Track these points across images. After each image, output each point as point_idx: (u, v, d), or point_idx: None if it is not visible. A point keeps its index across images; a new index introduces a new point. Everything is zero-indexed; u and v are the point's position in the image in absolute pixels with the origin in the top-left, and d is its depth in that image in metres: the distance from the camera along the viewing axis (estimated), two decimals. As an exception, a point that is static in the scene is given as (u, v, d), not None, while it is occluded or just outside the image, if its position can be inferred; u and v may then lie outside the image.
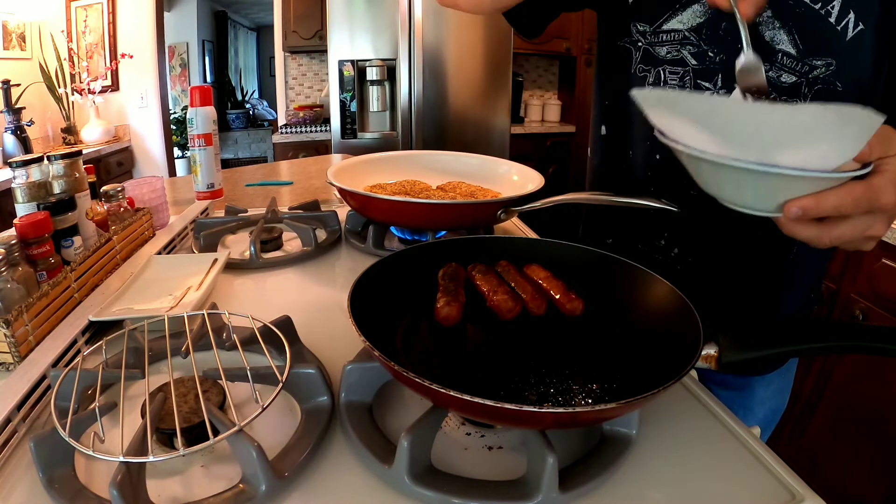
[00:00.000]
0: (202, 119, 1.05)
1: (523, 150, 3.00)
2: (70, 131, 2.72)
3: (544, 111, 3.55)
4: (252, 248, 0.76)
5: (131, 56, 2.89)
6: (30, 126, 2.30)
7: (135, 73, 2.99)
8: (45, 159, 0.69)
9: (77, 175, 0.71)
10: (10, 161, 0.67)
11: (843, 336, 0.43)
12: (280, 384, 0.40)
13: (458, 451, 0.41)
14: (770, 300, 0.64)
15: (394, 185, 0.91)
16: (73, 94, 2.72)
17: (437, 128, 2.58)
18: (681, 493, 0.37)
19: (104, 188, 0.78)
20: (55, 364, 0.48)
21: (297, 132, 3.04)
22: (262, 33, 6.66)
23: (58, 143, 2.73)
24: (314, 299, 0.69)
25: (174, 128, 3.76)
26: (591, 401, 0.40)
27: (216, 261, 0.69)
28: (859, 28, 0.50)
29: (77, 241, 0.66)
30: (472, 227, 0.78)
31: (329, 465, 0.39)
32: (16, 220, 0.57)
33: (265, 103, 6.19)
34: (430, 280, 0.53)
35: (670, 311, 0.47)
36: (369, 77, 2.47)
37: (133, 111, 3.05)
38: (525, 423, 0.36)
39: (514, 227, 0.94)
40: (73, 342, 0.52)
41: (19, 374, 0.46)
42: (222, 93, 5.65)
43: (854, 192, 0.36)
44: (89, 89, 2.76)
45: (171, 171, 3.23)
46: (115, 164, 2.83)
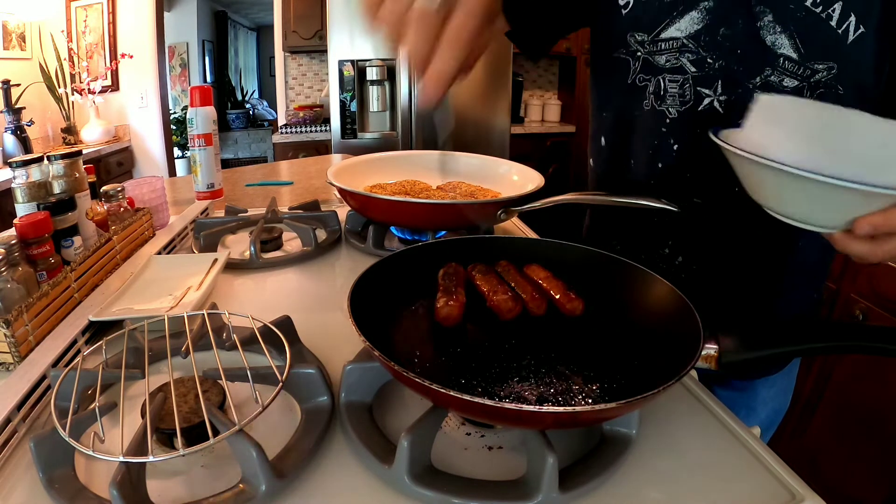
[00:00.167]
0: (202, 119, 1.05)
1: (523, 150, 3.00)
2: (70, 131, 2.72)
3: (544, 111, 3.55)
4: (252, 248, 0.76)
5: (131, 56, 2.89)
6: (30, 126, 2.30)
7: (135, 73, 2.99)
8: (45, 159, 0.69)
9: (77, 175, 0.71)
10: (10, 161, 0.67)
11: (844, 336, 0.43)
12: (280, 384, 0.40)
13: (458, 451, 0.41)
14: (775, 303, 0.64)
15: (394, 185, 0.91)
16: (73, 94, 2.73)
17: (437, 128, 2.58)
18: (681, 493, 0.37)
19: (104, 188, 0.78)
20: (55, 364, 0.48)
21: (297, 132, 3.04)
22: (262, 33, 6.66)
23: (58, 143, 2.73)
24: (314, 299, 0.69)
25: (174, 128, 3.76)
26: (591, 401, 0.40)
27: (216, 261, 0.69)
28: (860, 31, 0.50)
29: (77, 241, 0.66)
30: (472, 227, 0.78)
31: (329, 465, 0.39)
32: (16, 220, 0.57)
33: (265, 103, 6.19)
34: (430, 280, 0.53)
35: (670, 311, 0.47)
36: (369, 77, 2.47)
37: (133, 111, 3.06)
38: (525, 423, 0.36)
39: (514, 227, 0.94)
40: (73, 342, 0.52)
41: (19, 374, 0.46)
42: (222, 93, 5.65)
43: None
44: (89, 89, 2.76)
45: (171, 171, 3.23)
46: (115, 164, 2.83)
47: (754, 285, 0.63)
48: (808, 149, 0.37)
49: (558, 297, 0.51)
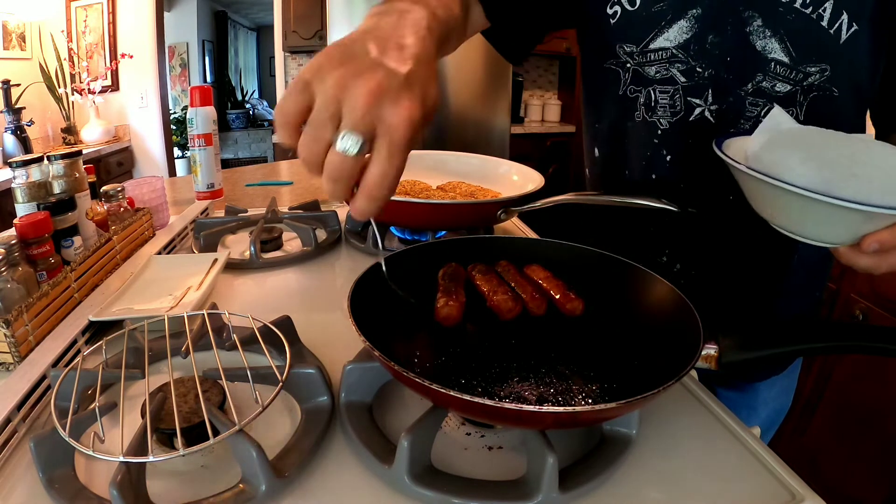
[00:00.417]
0: (202, 119, 1.05)
1: (523, 150, 3.00)
2: (70, 131, 2.72)
3: (544, 111, 3.55)
4: (252, 248, 0.76)
5: (131, 56, 2.89)
6: (30, 126, 2.30)
7: (135, 73, 2.99)
8: (45, 159, 0.69)
9: (77, 175, 0.71)
10: (10, 161, 0.67)
11: (844, 336, 0.43)
12: (280, 384, 0.40)
13: (458, 451, 0.41)
14: (775, 303, 0.64)
15: (394, 185, 0.90)
16: (73, 94, 2.72)
17: (437, 128, 2.58)
18: (680, 493, 0.37)
19: (104, 188, 0.78)
20: (55, 364, 0.48)
21: (297, 132, 3.03)
22: (262, 33, 6.66)
23: (58, 143, 2.73)
24: (314, 299, 0.69)
25: (174, 128, 3.76)
26: (591, 401, 0.40)
27: (216, 261, 0.69)
28: (853, 29, 0.49)
29: (77, 241, 0.66)
30: (472, 227, 0.78)
31: (329, 465, 0.39)
32: (16, 220, 0.57)
33: (265, 103, 6.19)
34: (431, 280, 0.53)
35: (670, 311, 0.47)
36: (369, 77, 2.47)
37: (133, 111, 3.05)
38: (525, 423, 0.36)
39: (514, 227, 0.94)
40: (73, 342, 0.52)
41: (19, 374, 0.46)
42: (222, 93, 5.65)
43: None
44: (89, 89, 2.76)
45: (171, 171, 3.23)
46: (115, 164, 2.83)
47: (755, 288, 0.63)
48: (818, 171, 0.38)
49: (558, 297, 0.51)
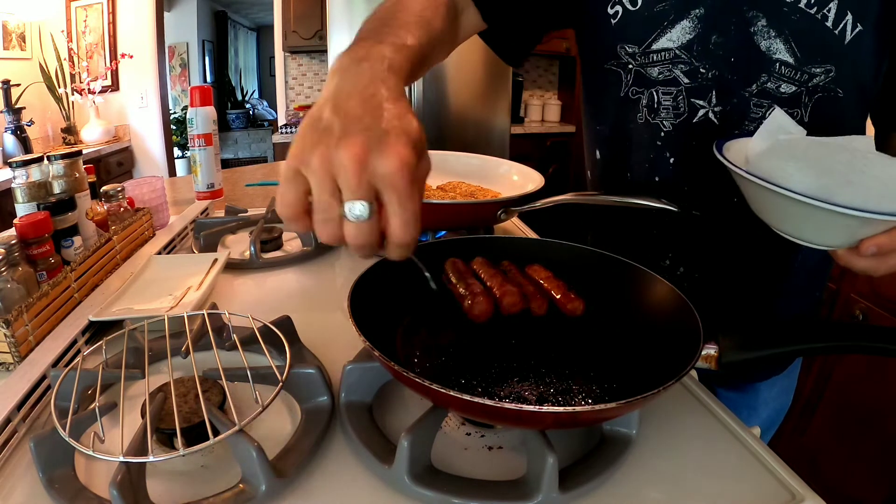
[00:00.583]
0: (202, 119, 1.05)
1: (523, 150, 3.00)
2: (70, 131, 2.72)
3: (544, 111, 3.55)
4: (252, 248, 0.76)
5: (131, 56, 2.89)
6: (30, 126, 2.30)
7: (135, 73, 2.98)
8: (45, 159, 0.69)
9: (77, 175, 0.71)
10: (10, 161, 0.67)
11: (844, 336, 0.43)
12: (280, 384, 0.40)
13: (458, 451, 0.41)
14: (775, 306, 0.64)
15: (394, 185, 0.90)
16: (73, 94, 2.72)
17: (437, 128, 2.58)
18: (680, 493, 0.37)
19: (104, 188, 0.78)
20: (55, 364, 0.48)
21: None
22: (262, 33, 6.66)
23: (58, 143, 2.72)
24: (314, 299, 0.69)
25: (174, 128, 3.76)
26: (591, 401, 0.40)
27: (216, 261, 0.69)
28: (858, 29, 0.49)
29: (77, 241, 0.66)
30: (472, 227, 0.78)
31: (329, 465, 0.39)
32: (16, 220, 0.57)
33: (265, 103, 6.19)
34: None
35: (670, 311, 0.47)
36: (369, 77, 2.47)
37: (133, 111, 3.05)
38: (525, 423, 0.36)
39: (514, 227, 0.94)
40: (73, 342, 0.52)
41: (19, 374, 0.46)
42: (222, 93, 5.65)
43: None
44: (89, 89, 2.76)
45: (171, 171, 3.23)
46: (115, 164, 2.83)
47: (756, 289, 0.63)
48: (816, 178, 0.39)
49: (559, 297, 0.51)
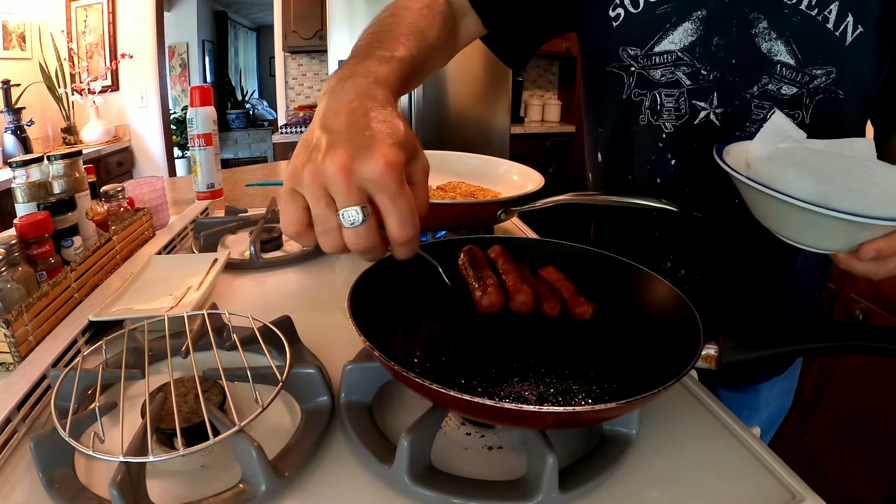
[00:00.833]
0: (202, 119, 1.05)
1: (523, 150, 3.00)
2: (70, 131, 2.72)
3: (544, 111, 3.55)
4: (252, 248, 0.76)
5: (131, 56, 2.89)
6: (30, 126, 2.30)
7: (135, 73, 2.99)
8: (45, 159, 0.69)
9: (77, 175, 0.71)
10: (10, 161, 0.67)
11: (844, 336, 0.43)
12: (280, 384, 0.40)
13: (458, 451, 0.41)
14: (775, 307, 0.64)
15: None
16: (73, 94, 2.73)
17: (437, 128, 2.58)
18: (680, 493, 0.37)
19: (104, 188, 0.78)
20: (55, 364, 0.48)
21: (297, 132, 3.03)
22: (262, 33, 6.66)
23: (58, 143, 2.73)
24: (314, 299, 0.69)
25: (174, 128, 3.76)
26: (591, 401, 0.40)
27: (216, 261, 0.69)
28: (858, 31, 0.49)
29: (77, 241, 0.66)
30: (472, 227, 0.78)
31: (329, 465, 0.39)
32: (16, 220, 0.57)
33: (265, 103, 6.19)
34: (431, 280, 0.53)
35: (670, 311, 0.47)
36: (369, 77, 2.47)
37: (133, 111, 3.06)
38: (525, 423, 0.36)
39: (514, 227, 0.94)
40: (73, 342, 0.52)
41: (19, 374, 0.46)
42: (222, 93, 5.65)
43: None
44: (89, 89, 2.76)
45: (171, 171, 3.23)
46: (115, 164, 2.83)
47: (757, 289, 0.63)
48: (815, 184, 0.39)
49: (568, 298, 0.51)
